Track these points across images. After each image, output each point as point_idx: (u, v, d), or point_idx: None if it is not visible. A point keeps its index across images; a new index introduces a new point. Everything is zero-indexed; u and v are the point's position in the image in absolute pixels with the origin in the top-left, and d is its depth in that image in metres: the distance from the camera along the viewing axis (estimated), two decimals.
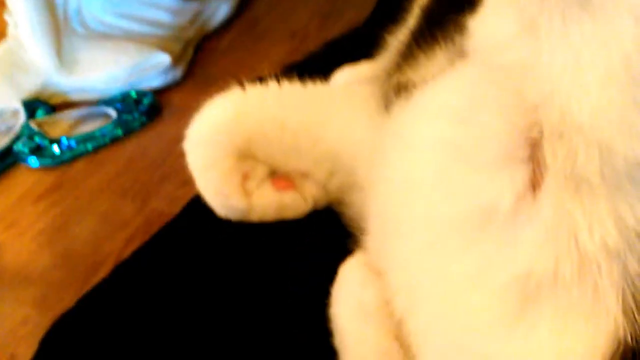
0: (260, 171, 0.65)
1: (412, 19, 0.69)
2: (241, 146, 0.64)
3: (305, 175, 0.65)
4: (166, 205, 0.91)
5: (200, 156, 0.66)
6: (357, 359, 0.51)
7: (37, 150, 1.02)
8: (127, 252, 0.86)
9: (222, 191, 0.64)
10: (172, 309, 0.64)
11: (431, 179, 0.43)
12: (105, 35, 1.14)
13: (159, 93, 1.12)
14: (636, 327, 0.36)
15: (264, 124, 0.63)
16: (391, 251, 0.47)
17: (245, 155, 0.64)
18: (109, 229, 0.90)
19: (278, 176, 0.64)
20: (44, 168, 1.02)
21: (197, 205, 0.69)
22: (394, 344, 0.48)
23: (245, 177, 0.64)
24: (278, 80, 0.65)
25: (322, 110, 0.65)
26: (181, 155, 1.01)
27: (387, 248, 0.48)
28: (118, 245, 0.88)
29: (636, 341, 0.35)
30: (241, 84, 0.65)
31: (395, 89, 0.53)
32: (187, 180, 0.94)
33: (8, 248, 0.90)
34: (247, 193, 0.64)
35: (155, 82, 1.13)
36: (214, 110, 0.65)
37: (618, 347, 0.36)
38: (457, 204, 0.40)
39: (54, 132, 1.05)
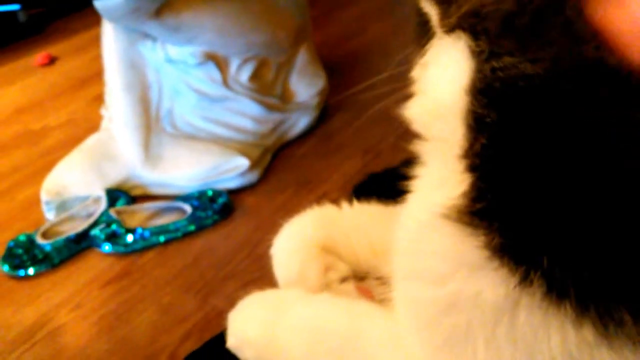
0: (343, 267, 0.66)
1: None
2: (325, 242, 0.66)
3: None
4: (226, 305, 0.91)
5: (287, 246, 0.68)
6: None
7: (112, 237, 1.07)
8: (183, 348, 0.86)
9: (304, 274, 0.65)
10: None
11: None
12: (192, 137, 1.20)
13: (232, 193, 1.16)
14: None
15: (344, 234, 0.66)
16: None
17: (329, 251, 0.66)
18: (168, 321, 0.92)
19: (364, 286, 0.65)
20: (115, 254, 1.06)
21: None
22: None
23: (327, 269, 0.66)
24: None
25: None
26: (247, 256, 1.04)
27: None
28: (174, 339, 0.88)
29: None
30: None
31: None
32: (250, 281, 0.95)
33: (70, 330, 0.93)
34: (327, 284, 0.65)
35: (231, 183, 1.17)
36: (299, 219, 0.68)
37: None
38: None
39: (131, 222, 1.10)
